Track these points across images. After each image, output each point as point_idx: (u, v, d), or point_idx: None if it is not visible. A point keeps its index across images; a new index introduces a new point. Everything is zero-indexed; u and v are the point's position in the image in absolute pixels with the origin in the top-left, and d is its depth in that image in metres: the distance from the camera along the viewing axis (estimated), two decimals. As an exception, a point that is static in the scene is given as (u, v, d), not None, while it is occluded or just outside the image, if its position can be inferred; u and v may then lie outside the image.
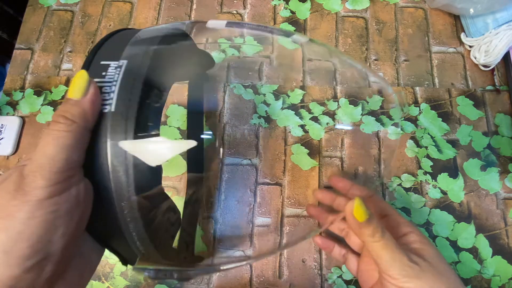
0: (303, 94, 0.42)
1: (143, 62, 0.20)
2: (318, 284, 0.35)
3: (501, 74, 0.42)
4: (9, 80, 0.44)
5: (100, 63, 0.20)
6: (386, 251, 0.24)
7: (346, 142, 0.40)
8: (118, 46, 0.21)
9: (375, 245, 0.24)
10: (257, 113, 0.41)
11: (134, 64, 0.19)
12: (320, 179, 0.38)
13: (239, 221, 0.37)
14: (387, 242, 0.24)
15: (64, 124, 0.17)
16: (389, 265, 0.24)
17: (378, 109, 0.41)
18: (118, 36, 0.22)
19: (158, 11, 0.47)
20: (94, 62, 0.20)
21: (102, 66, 0.19)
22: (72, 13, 0.47)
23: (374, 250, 0.24)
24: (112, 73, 0.19)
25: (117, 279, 0.36)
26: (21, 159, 0.40)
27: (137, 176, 0.18)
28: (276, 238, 0.37)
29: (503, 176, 0.38)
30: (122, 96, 0.18)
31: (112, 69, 0.19)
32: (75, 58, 0.45)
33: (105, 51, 0.21)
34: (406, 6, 0.46)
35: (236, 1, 0.47)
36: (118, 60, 0.20)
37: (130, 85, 0.19)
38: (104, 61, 0.20)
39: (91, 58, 0.20)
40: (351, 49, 0.44)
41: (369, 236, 0.24)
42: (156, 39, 0.22)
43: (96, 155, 0.18)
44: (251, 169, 0.39)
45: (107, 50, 0.21)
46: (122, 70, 0.19)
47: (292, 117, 0.41)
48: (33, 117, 0.42)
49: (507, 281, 0.35)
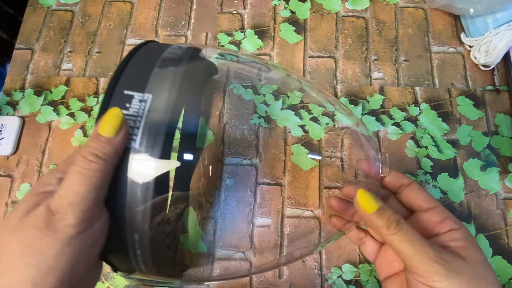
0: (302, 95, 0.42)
1: (168, 99, 0.20)
2: (318, 284, 0.35)
3: (501, 74, 0.42)
4: (9, 80, 0.44)
5: (124, 93, 0.19)
6: (406, 244, 0.21)
7: (346, 142, 0.40)
8: (140, 72, 0.21)
9: (392, 238, 0.21)
10: (257, 113, 0.41)
11: (159, 101, 0.19)
12: (320, 179, 0.38)
13: (239, 221, 0.37)
14: (406, 234, 0.21)
15: (96, 163, 0.17)
16: (413, 260, 0.21)
17: (379, 109, 0.41)
18: (139, 58, 0.22)
19: (158, 11, 0.47)
20: (118, 90, 0.20)
21: (126, 97, 0.19)
22: (72, 13, 0.47)
23: (392, 243, 0.22)
24: (137, 107, 0.19)
25: (117, 279, 0.36)
26: (21, 159, 0.40)
27: (152, 212, 0.19)
28: (276, 239, 0.37)
29: (503, 176, 0.38)
30: (146, 133, 0.19)
31: (136, 102, 0.19)
32: (75, 58, 0.45)
33: (128, 78, 0.20)
34: (406, 6, 0.46)
35: (236, 1, 0.47)
36: (143, 92, 0.19)
37: (155, 124, 0.19)
38: (128, 91, 0.20)
39: (113, 84, 0.20)
40: (351, 49, 0.44)
41: (384, 228, 0.21)
42: (179, 63, 0.22)
43: (115, 188, 0.18)
44: (251, 169, 0.39)
45: (130, 77, 0.20)
46: (147, 106, 0.19)
47: (292, 117, 0.41)
48: (33, 117, 0.42)
49: (507, 281, 0.35)
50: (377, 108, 0.41)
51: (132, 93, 0.19)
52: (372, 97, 0.42)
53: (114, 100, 0.19)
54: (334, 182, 0.38)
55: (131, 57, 0.22)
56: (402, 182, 0.27)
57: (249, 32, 0.45)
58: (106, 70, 0.44)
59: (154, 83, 0.20)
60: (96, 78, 0.44)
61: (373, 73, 0.43)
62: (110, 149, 0.18)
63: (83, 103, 0.42)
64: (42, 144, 0.41)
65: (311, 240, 0.37)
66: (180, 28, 0.46)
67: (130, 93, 0.19)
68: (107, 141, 0.18)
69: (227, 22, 0.46)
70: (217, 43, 0.45)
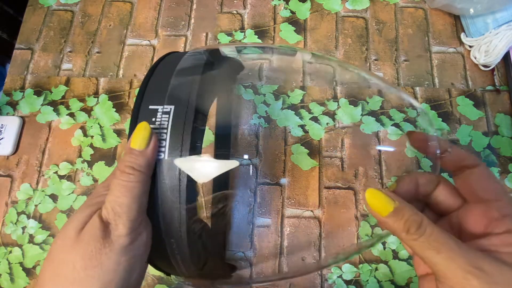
0: (303, 94, 0.42)
1: (189, 104, 0.21)
2: (318, 284, 0.35)
3: (501, 74, 0.42)
4: (9, 80, 0.44)
5: (149, 108, 0.21)
6: (430, 252, 0.17)
7: (346, 142, 0.40)
8: (160, 85, 0.22)
9: (413, 244, 0.18)
10: (257, 113, 0.41)
11: (180, 109, 0.21)
12: (320, 179, 0.38)
13: (239, 221, 0.37)
14: (430, 239, 0.17)
15: (134, 175, 0.18)
16: (441, 270, 0.17)
17: (378, 109, 0.41)
18: (159, 72, 0.23)
19: (158, 11, 0.47)
20: (143, 106, 0.21)
21: (151, 112, 0.21)
22: (72, 13, 0.47)
23: (414, 250, 0.18)
24: (161, 119, 0.20)
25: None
26: (21, 159, 0.40)
27: (185, 217, 0.20)
28: (276, 239, 0.37)
29: (503, 176, 0.38)
30: (173, 144, 0.20)
31: (160, 115, 0.20)
32: (75, 58, 0.45)
33: (151, 93, 0.22)
34: (406, 6, 0.46)
35: (236, 1, 0.47)
36: (164, 104, 0.21)
37: (179, 132, 0.20)
38: (152, 106, 0.21)
39: (139, 101, 0.21)
40: (351, 49, 0.44)
41: (403, 233, 0.18)
42: (196, 71, 0.23)
43: (150, 197, 0.20)
44: (251, 169, 0.39)
45: (152, 91, 0.22)
46: (171, 117, 0.20)
47: (292, 117, 0.41)
48: (33, 117, 0.42)
49: (507, 281, 0.35)
50: (377, 109, 0.41)
51: (156, 107, 0.21)
52: (371, 98, 0.42)
53: (141, 116, 0.21)
54: (334, 182, 0.38)
55: (153, 72, 0.23)
56: (465, 163, 0.21)
57: (249, 32, 0.45)
58: (106, 70, 0.44)
59: (174, 93, 0.21)
60: (96, 78, 0.44)
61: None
62: (143, 161, 0.19)
63: (83, 103, 0.42)
64: (42, 144, 0.41)
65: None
66: (180, 28, 0.46)
67: (154, 107, 0.21)
68: (140, 154, 0.19)
69: (227, 22, 0.46)
70: (217, 43, 0.45)
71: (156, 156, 0.20)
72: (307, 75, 0.43)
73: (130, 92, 0.43)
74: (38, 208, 0.38)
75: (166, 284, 0.35)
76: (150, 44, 0.45)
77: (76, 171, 0.40)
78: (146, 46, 0.45)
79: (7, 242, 0.37)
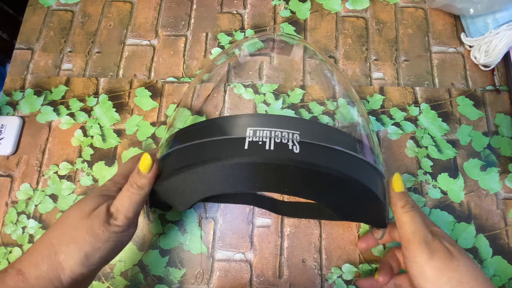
0: (303, 94, 0.42)
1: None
2: (318, 284, 0.35)
3: (501, 74, 0.42)
4: (9, 80, 0.44)
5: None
6: (411, 222, 0.27)
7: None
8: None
9: (403, 214, 0.27)
10: (257, 113, 0.41)
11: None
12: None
13: (239, 221, 0.37)
14: (414, 215, 0.27)
15: (136, 189, 0.27)
16: (410, 238, 0.26)
17: (379, 109, 0.41)
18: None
19: (158, 11, 0.47)
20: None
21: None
22: (72, 13, 0.47)
23: (400, 220, 0.27)
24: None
25: (117, 279, 0.36)
26: (21, 159, 0.40)
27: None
28: (276, 239, 0.37)
29: (503, 176, 0.38)
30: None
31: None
32: (75, 58, 0.45)
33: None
34: (406, 6, 0.46)
35: (236, 1, 0.47)
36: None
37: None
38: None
39: None
40: (351, 49, 0.44)
41: (400, 207, 0.27)
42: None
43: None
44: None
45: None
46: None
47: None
48: (33, 117, 0.42)
49: (507, 281, 0.35)
50: (377, 108, 0.41)
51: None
52: (372, 97, 0.42)
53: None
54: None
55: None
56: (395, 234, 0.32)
57: (249, 32, 0.45)
58: (106, 70, 0.44)
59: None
60: (96, 78, 0.44)
61: (373, 73, 0.43)
62: (145, 182, 0.27)
63: (83, 103, 0.42)
64: (42, 144, 0.41)
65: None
66: (180, 28, 0.46)
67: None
68: (144, 176, 0.27)
69: (227, 22, 0.46)
70: (217, 43, 0.45)
71: (155, 177, 0.28)
72: (307, 73, 0.43)
73: (130, 92, 0.43)
74: (38, 208, 0.38)
75: (166, 284, 0.35)
76: (150, 44, 0.45)
77: (76, 171, 0.40)
78: (146, 46, 0.45)
79: (7, 242, 0.37)
